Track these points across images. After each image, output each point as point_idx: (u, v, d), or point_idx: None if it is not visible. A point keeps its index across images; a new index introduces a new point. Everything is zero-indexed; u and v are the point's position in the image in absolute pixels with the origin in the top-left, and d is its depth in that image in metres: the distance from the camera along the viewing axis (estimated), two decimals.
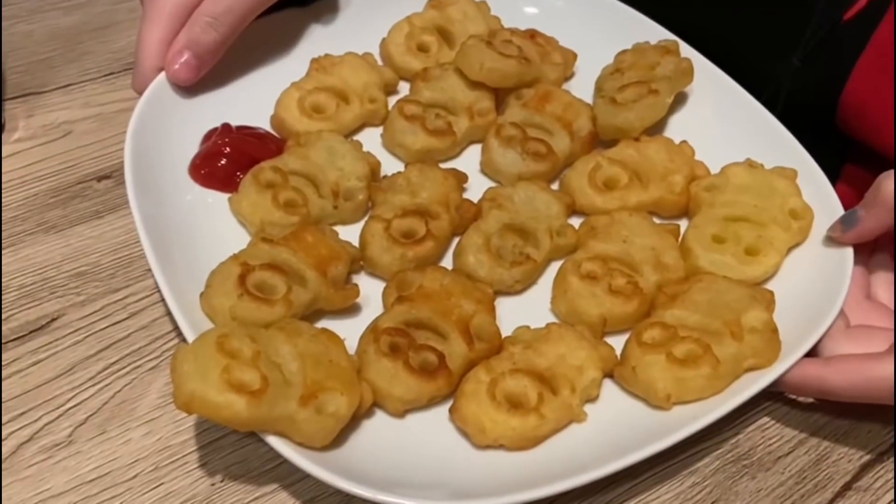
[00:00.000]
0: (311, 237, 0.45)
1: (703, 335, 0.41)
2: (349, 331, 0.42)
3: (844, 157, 0.59)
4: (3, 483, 0.39)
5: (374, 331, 0.41)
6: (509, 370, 0.40)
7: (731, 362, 0.40)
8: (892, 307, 0.45)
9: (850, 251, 0.45)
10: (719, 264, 0.45)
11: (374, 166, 0.51)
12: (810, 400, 0.44)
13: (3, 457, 0.40)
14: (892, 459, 0.42)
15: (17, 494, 0.39)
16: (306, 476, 0.39)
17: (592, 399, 0.41)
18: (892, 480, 0.41)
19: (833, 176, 0.51)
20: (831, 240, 0.46)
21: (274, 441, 0.36)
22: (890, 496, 0.41)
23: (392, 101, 0.55)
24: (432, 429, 0.40)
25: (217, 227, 0.47)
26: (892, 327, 0.43)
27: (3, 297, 0.46)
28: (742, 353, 0.40)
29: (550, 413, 0.39)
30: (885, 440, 0.43)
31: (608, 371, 0.42)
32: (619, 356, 0.42)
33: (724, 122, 0.53)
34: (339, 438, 0.38)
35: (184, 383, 0.35)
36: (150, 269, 0.47)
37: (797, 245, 0.47)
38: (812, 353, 0.41)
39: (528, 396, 0.40)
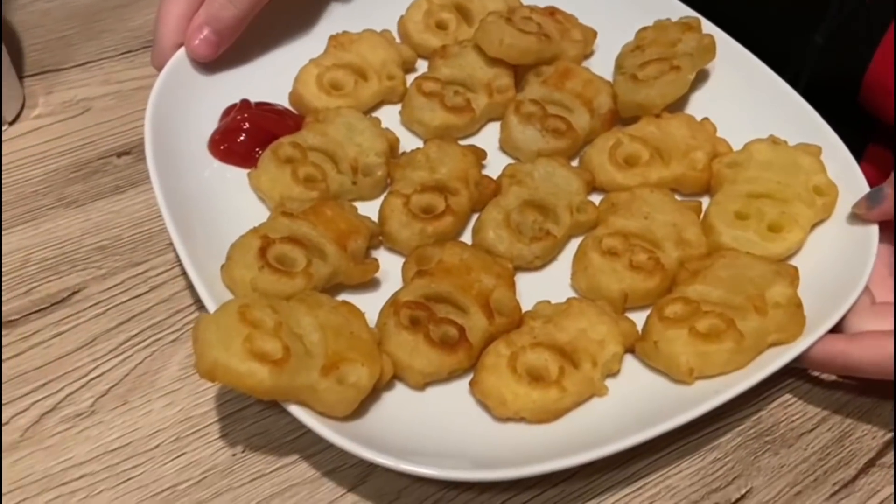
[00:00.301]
0: (330, 211, 0.45)
1: (727, 310, 0.40)
2: (369, 305, 0.42)
3: (868, 137, 0.58)
4: (26, 452, 0.39)
5: (394, 304, 0.41)
6: (530, 344, 0.40)
7: (755, 337, 0.40)
8: None
9: (875, 228, 0.45)
10: (742, 241, 0.45)
11: (393, 142, 0.51)
12: (833, 377, 0.43)
13: (25, 427, 0.40)
14: None
15: (40, 463, 0.39)
16: (327, 447, 0.39)
17: (613, 374, 0.41)
18: None
19: (856, 156, 0.50)
20: (856, 217, 0.46)
21: (296, 410, 0.36)
22: None
23: (410, 79, 0.55)
24: (452, 402, 0.40)
25: (236, 202, 0.47)
26: None
27: (24, 270, 0.46)
28: (766, 327, 0.40)
29: (572, 386, 0.39)
30: None
31: (629, 346, 0.42)
32: (640, 332, 0.42)
33: (746, 99, 0.53)
34: (360, 410, 0.38)
35: (206, 352, 0.35)
36: (170, 244, 0.47)
37: (821, 222, 0.47)
38: (836, 330, 0.41)
39: (548, 370, 0.39)
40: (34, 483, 0.38)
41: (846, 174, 0.48)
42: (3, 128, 0.53)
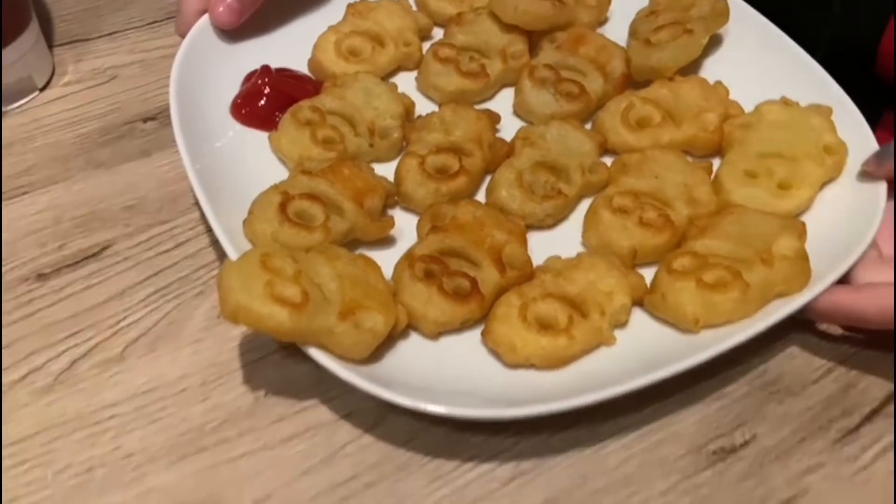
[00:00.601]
0: (347, 170, 0.46)
1: (734, 263, 0.41)
2: (384, 262, 0.43)
3: (884, 104, 0.58)
4: (59, 395, 0.41)
5: (409, 258, 0.43)
6: (540, 295, 0.41)
7: (761, 287, 0.41)
8: None
9: (884, 185, 0.45)
10: (752, 198, 0.46)
11: (409, 106, 0.52)
12: (839, 331, 0.44)
13: (58, 372, 0.42)
14: None
15: (73, 405, 0.41)
16: (345, 392, 0.41)
17: (622, 325, 0.42)
18: None
19: (872, 123, 0.51)
20: (866, 174, 0.46)
21: (315, 352, 0.38)
22: None
23: (426, 46, 0.56)
24: (465, 351, 0.41)
25: (257, 164, 0.49)
26: None
27: (57, 227, 0.48)
28: (772, 279, 0.41)
29: (580, 335, 0.40)
30: None
31: (638, 299, 0.43)
32: (648, 286, 0.43)
33: (759, 63, 0.53)
34: (376, 356, 0.39)
35: (230, 296, 0.37)
36: (194, 203, 0.49)
37: (831, 181, 0.47)
38: (843, 283, 0.42)
39: (557, 319, 0.41)
40: (67, 423, 0.40)
41: (856, 134, 0.48)
42: (34, 94, 0.55)
